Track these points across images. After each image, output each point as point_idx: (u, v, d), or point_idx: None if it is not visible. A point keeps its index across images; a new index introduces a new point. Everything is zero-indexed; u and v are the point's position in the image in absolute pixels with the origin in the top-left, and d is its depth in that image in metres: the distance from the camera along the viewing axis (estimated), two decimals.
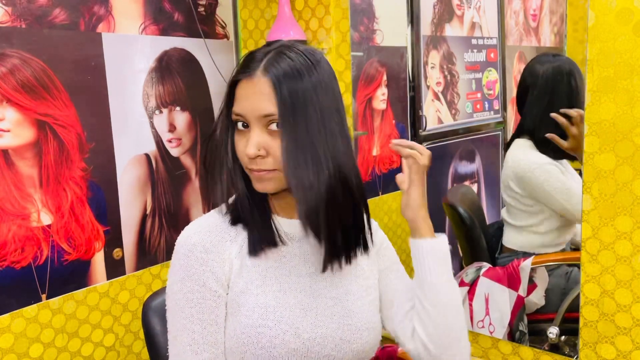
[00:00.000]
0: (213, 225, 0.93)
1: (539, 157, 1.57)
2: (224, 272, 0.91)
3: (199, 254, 0.90)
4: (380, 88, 1.89)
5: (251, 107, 0.86)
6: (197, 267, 0.89)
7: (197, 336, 0.89)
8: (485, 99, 1.91)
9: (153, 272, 1.71)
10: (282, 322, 0.89)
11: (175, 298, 0.91)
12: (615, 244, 1.21)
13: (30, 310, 1.43)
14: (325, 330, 0.91)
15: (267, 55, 0.88)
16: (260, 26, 1.87)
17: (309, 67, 0.87)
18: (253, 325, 0.89)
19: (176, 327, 0.90)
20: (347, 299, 0.95)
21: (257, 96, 0.86)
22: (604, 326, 1.26)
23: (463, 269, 1.74)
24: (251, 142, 0.86)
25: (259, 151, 0.87)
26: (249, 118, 0.87)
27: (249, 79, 0.87)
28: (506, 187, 1.66)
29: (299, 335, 0.89)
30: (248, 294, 0.90)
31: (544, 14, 1.80)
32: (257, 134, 0.87)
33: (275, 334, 0.88)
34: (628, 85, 1.15)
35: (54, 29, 1.44)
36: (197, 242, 0.90)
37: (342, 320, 0.93)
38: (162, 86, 1.70)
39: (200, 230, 0.92)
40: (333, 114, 0.89)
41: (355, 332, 0.94)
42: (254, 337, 0.88)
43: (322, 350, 0.90)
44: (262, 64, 0.87)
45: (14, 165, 1.38)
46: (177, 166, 1.76)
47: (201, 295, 0.89)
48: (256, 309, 0.89)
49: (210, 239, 0.91)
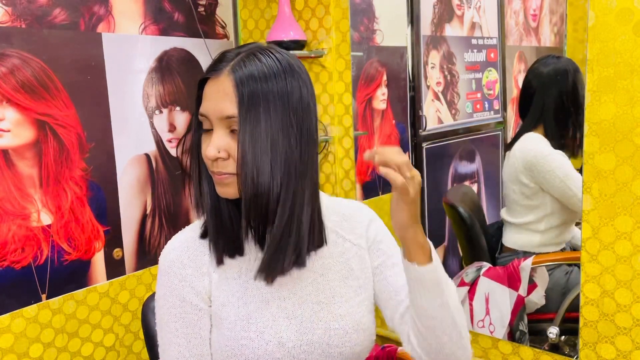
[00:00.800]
0: (191, 240, 0.93)
1: (549, 146, 1.59)
2: (203, 286, 0.91)
3: (177, 269, 0.91)
4: (380, 88, 1.89)
5: (213, 107, 0.84)
6: (177, 282, 0.91)
7: (183, 349, 0.90)
8: (485, 99, 1.91)
9: (153, 272, 1.71)
10: (265, 332, 0.88)
11: (160, 313, 0.93)
12: (615, 244, 1.21)
13: (30, 310, 1.43)
14: (311, 336, 0.90)
15: (238, 55, 0.85)
16: (260, 26, 1.87)
17: (278, 72, 0.84)
18: (235, 338, 0.88)
19: (163, 340, 0.92)
20: (334, 302, 0.93)
21: (220, 96, 0.83)
22: (604, 326, 1.26)
23: (463, 268, 1.75)
24: (212, 143, 0.84)
25: (219, 153, 0.84)
26: (212, 119, 0.85)
27: (215, 78, 0.84)
28: (513, 180, 1.66)
29: (283, 344, 0.88)
30: (229, 307, 0.90)
31: (544, 14, 1.80)
32: (218, 136, 0.84)
33: (258, 345, 0.87)
34: (628, 85, 1.15)
35: (54, 29, 1.44)
36: (174, 258, 0.92)
37: (328, 324, 0.91)
38: (162, 86, 1.70)
39: (178, 247, 0.93)
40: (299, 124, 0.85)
41: (342, 335, 0.91)
42: (237, 349, 0.88)
43: (309, 357, 0.89)
44: (231, 64, 0.84)
45: (14, 165, 1.38)
46: (177, 166, 1.76)
47: (183, 310, 0.90)
48: (238, 321, 0.89)
49: (187, 254, 0.92)
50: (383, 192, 1.90)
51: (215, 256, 0.91)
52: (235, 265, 0.92)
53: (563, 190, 1.56)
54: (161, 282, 0.92)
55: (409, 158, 1.90)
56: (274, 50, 0.87)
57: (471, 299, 1.63)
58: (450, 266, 1.97)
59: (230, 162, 0.85)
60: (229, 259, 0.91)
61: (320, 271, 0.94)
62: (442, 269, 0.90)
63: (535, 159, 1.61)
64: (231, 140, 0.84)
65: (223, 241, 0.90)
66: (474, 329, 1.60)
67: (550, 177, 1.58)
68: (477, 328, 1.60)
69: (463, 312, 0.93)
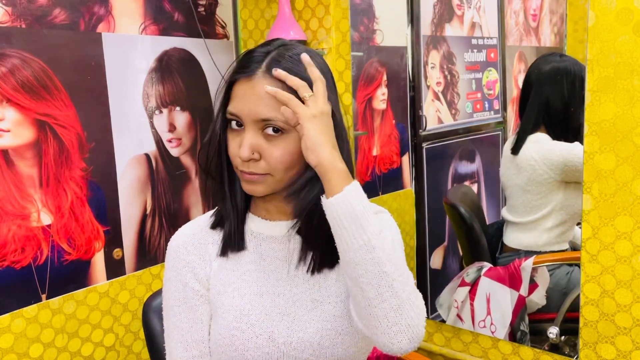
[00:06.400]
0: (198, 228, 0.97)
1: (564, 143, 1.58)
2: (205, 273, 0.94)
3: (182, 255, 0.94)
4: (380, 88, 1.89)
5: (249, 109, 0.84)
6: (181, 267, 0.94)
7: (186, 333, 0.92)
8: (485, 99, 1.91)
9: (153, 272, 1.71)
10: (256, 325, 0.89)
11: (166, 297, 0.96)
12: (615, 244, 1.21)
13: (30, 310, 1.43)
14: (302, 334, 0.89)
15: (268, 55, 0.86)
16: (260, 26, 1.87)
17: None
18: (227, 328, 0.90)
19: (168, 324, 0.95)
20: (329, 302, 0.91)
21: (256, 99, 0.84)
22: (604, 326, 1.26)
23: (464, 268, 1.74)
24: (245, 144, 0.84)
25: (252, 154, 0.85)
26: (245, 119, 0.85)
27: (248, 80, 0.85)
28: (529, 182, 1.64)
29: (274, 339, 0.88)
30: (225, 296, 0.92)
31: (544, 14, 1.80)
32: (251, 136, 0.85)
33: (248, 337, 0.88)
34: (628, 85, 1.15)
35: (54, 29, 1.44)
36: (180, 244, 0.95)
37: (321, 324, 0.90)
38: (162, 86, 1.70)
39: (186, 233, 0.97)
40: (334, 117, 0.87)
41: (335, 336, 0.90)
42: (228, 339, 0.89)
43: (300, 355, 0.89)
44: (264, 64, 0.85)
45: (14, 165, 1.38)
46: (177, 166, 1.76)
47: (185, 295, 0.93)
48: (231, 311, 0.90)
49: (193, 241, 0.95)
50: (383, 192, 1.90)
51: (223, 247, 0.93)
52: (235, 257, 0.94)
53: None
54: (167, 267, 0.96)
55: (408, 161, 1.90)
56: (298, 47, 0.89)
57: (472, 299, 1.63)
58: (450, 266, 1.97)
59: (261, 163, 0.85)
60: (234, 252, 0.94)
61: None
62: (365, 202, 0.81)
63: (562, 156, 1.59)
64: (264, 141, 0.85)
65: (235, 236, 0.93)
66: (475, 329, 1.60)
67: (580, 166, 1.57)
68: (479, 328, 1.60)
69: (406, 273, 0.81)
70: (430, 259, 1.91)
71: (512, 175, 1.69)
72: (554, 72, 1.61)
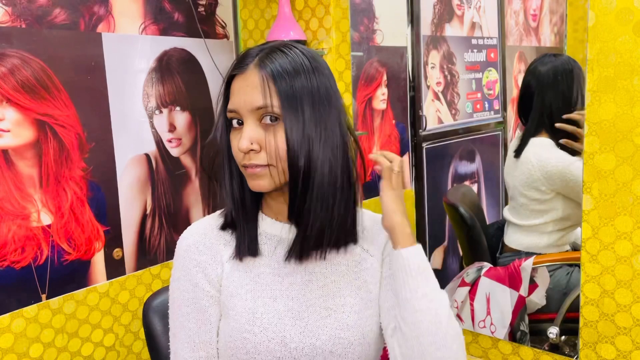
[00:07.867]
0: (209, 228, 0.95)
1: (565, 154, 1.57)
2: (216, 274, 0.92)
3: (193, 255, 0.92)
4: (380, 88, 1.89)
5: (243, 100, 0.85)
6: (191, 267, 0.92)
7: (193, 334, 0.91)
8: (485, 99, 1.91)
9: (153, 272, 1.71)
10: (269, 329, 0.88)
11: (173, 296, 0.94)
12: (615, 244, 1.21)
13: (30, 310, 1.43)
14: (314, 340, 0.89)
15: (262, 51, 0.87)
16: (260, 26, 1.87)
17: (308, 69, 0.86)
18: (239, 330, 0.89)
19: (174, 324, 0.94)
20: (343, 310, 0.91)
21: (249, 89, 0.85)
22: (604, 326, 1.26)
23: (463, 268, 1.75)
24: (244, 136, 0.85)
25: (251, 145, 0.85)
26: (242, 112, 0.86)
27: (242, 74, 0.86)
28: (526, 186, 1.64)
29: (286, 344, 0.88)
30: (237, 298, 0.91)
31: (544, 14, 1.80)
32: (250, 128, 0.85)
33: (260, 340, 0.87)
34: (628, 85, 1.15)
35: (54, 29, 1.44)
36: (192, 243, 0.93)
37: (334, 332, 0.90)
38: (162, 86, 1.70)
39: (197, 232, 0.95)
40: (330, 116, 0.87)
41: (347, 346, 0.90)
42: (240, 341, 0.88)
43: None
44: (256, 58, 0.86)
45: (14, 165, 1.38)
46: (177, 166, 1.76)
47: (195, 295, 0.91)
48: (244, 313, 0.89)
49: (204, 241, 0.93)
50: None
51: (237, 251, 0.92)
52: (249, 259, 0.93)
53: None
54: (176, 266, 0.94)
55: (408, 161, 1.90)
56: (299, 46, 0.89)
57: (472, 299, 1.63)
58: (450, 266, 1.97)
59: (262, 154, 0.86)
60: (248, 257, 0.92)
61: (332, 277, 0.93)
62: (428, 263, 0.92)
63: (556, 168, 1.59)
64: (263, 131, 0.86)
65: (248, 240, 0.92)
66: (475, 329, 1.60)
67: (574, 185, 1.56)
68: (478, 328, 1.60)
69: (455, 326, 0.89)
70: (430, 259, 1.91)
71: (513, 176, 1.69)
72: (554, 72, 1.61)
